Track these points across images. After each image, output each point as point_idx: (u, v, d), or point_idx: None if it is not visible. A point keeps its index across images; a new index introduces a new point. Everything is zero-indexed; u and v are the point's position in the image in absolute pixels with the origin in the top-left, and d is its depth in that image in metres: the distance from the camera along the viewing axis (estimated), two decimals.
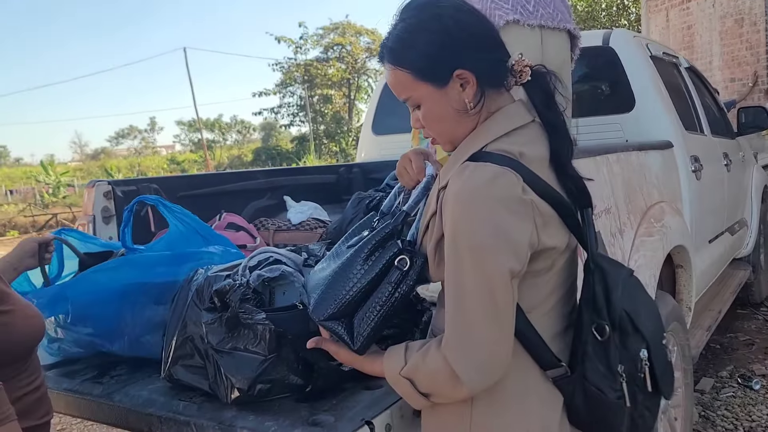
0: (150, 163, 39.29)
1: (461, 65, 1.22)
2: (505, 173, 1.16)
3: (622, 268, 1.36)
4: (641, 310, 1.30)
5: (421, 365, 1.21)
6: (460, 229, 1.15)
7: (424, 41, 1.23)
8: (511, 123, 1.26)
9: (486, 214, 1.14)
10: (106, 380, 1.84)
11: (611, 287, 1.26)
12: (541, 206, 1.19)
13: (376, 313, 1.27)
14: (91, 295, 1.89)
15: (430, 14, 1.24)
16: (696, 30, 10.13)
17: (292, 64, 32.98)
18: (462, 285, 1.15)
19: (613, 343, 1.24)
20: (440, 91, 1.24)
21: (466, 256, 1.14)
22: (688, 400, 2.84)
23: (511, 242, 1.14)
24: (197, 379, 1.64)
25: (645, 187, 2.59)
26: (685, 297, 3.04)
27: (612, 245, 2.16)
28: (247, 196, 3.41)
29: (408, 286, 1.27)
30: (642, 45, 3.38)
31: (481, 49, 1.25)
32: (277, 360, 1.54)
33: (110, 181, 2.70)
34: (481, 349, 1.15)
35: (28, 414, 1.48)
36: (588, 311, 1.26)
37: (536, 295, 1.25)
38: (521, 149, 1.22)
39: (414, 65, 1.24)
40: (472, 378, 1.16)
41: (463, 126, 1.28)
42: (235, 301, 1.55)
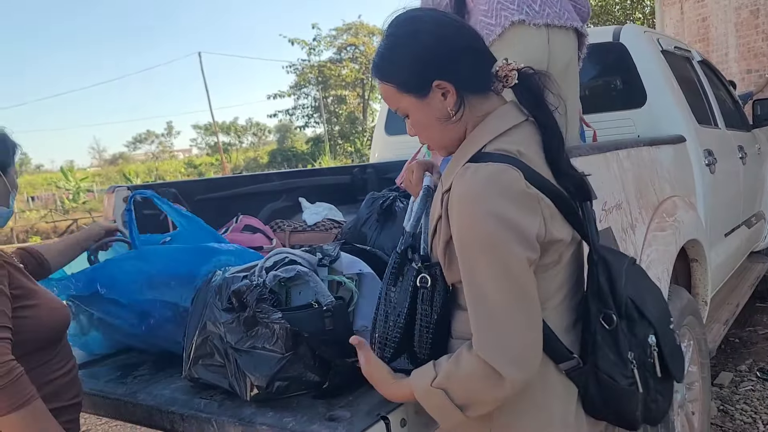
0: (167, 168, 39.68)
1: (439, 76, 1.29)
2: (507, 169, 1.20)
3: (624, 257, 1.39)
4: (646, 297, 1.33)
5: (455, 371, 1.19)
6: (469, 229, 1.19)
7: (403, 56, 1.31)
8: (505, 123, 1.31)
9: (492, 209, 1.17)
10: (129, 380, 1.90)
11: (615, 277, 1.30)
12: (546, 199, 1.23)
13: (429, 335, 1.31)
14: (117, 279, 1.99)
15: (408, 30, 1.33)
16: (711, 22, 10.04)
17: (305, 66, 33.16)
18: (481, 283, 1.18)
19: (621, 331, 1.27)
20: (423, 102, 1.32)
21: (480, 254, 1.18)
22: (706, 394, 2.84)
23: (523, 232, 1.17)
24: (217, 378, 1.69)
25: (657, 182, 2.60)
26: (701, 291, 3.04)
27: (623, 240, 2.17)
28: (263, 199, 3.45)
29: (442, 297, 1.31)
30: (653, 40, 3.37)
31: (459, 60, 1.31)
32: (294, 358, 1.58)
33: (129, 187, 2.75)
34: (514, 340, 1.16)
35: (57, 395, 1.60)
36: (594, 302, 1.29)
37: (546, 289, 1.28)
38: (519, 147, 1.26)
39: (396, 79, 1.33)
40: (512, 372, 1.15)
41: (451, 132, 1.35)
42: (252, 301, 1.59)
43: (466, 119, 1.33)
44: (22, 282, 1.56)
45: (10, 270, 1.53)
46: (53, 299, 1.69)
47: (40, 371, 1.55)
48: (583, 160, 2.02)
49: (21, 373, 1.41)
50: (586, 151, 2.09)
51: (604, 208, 2.07)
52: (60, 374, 1.64)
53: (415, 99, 1.32)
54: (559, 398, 1.29)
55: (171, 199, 2.94)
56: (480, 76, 1.33)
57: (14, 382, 1.38)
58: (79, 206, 23.96)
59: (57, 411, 1.56)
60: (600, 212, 2.04)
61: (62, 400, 1.62)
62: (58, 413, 1.56)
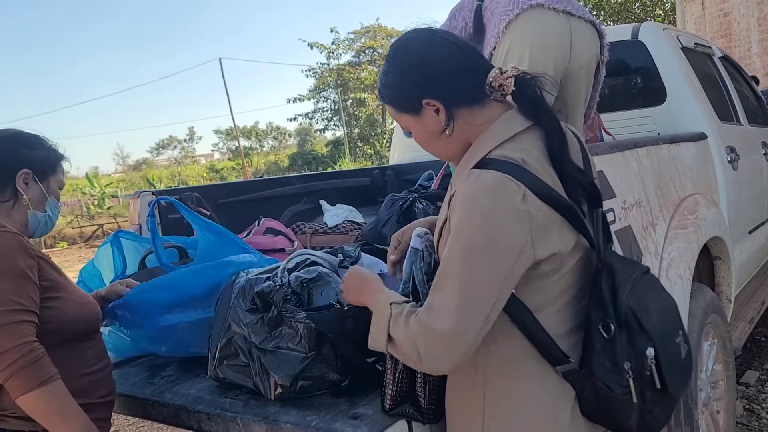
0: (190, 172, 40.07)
1: (427, 95, 1.36)
2: (505, 183, 1.23)
3: (635, 266, 1.38)
4: (651, 309, 1.31)
5: (402, 329, 1.26)
6: (459, 230, 1.24)
7: (393, 79, 1.41)
8: (510, 130, 1.34)
9: (481, 220, 1.22)
10: (156, 381, 1.94)
11: (618, 286, 1.29)
12: (540, 214, 1.24)
13: (429, 382, 1.42)
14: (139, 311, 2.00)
15: (397, 54, 1.42)
16: (733, 17, 9.92)
17: (325, 69, 33.29)
18: (447, 273, 1.23)
19: (619, 340, 1.27)
20: (417, 119, 1.40)
21: (458, 251, 1.23)
22: (731, 393, 2.82)
23: (498, 249, 1.21)
24: (242, 377, 1.72)
25: (678, 180, 2.58)
26: (725, 289, 3.01)
27: (644, 239, 2.17)
28: (284, 202, 3.49)
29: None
30: (672, 37, 3.36)
31: (444, 77, 1.36)
32: (318, 357, 1.60)
33: (154, 192, 2.81)
34: (445, 334, 1.20)
35: (86, 392, 1.65)
36: (595, 309, 1.30)
37: (545, 295, 1.31)
38: (523, 155, 1.28)
39: (391, 101, 1.44)
40: (430, 354, 1.22)
41: (451, 145, 1.41)
42: (278, 301, 1.62)
43: (464, 131, 1.38)
44: (52, 275, 1.64)
45: (40, 262, 1.60)
46: (83, 295, 1.76)
47: (66, 365, 1.59)
48: (601, 159, 2.02)
49: (42, 353, 1.48)
50: (605, 149, 2.09)
51: (624, 206, 2.07)
52: (89, 371, 1.69)
53: (411, 117, 1.41)
54: (554, 399, 1.31)
55: (194, 203, 3.00)
56: (470, 89, 1.37)
57: (35, 361, 1.46)
58: (104, 212, 24.29)
59: (87, 407, 1.61)
60: (619, 210, 2.04)
61: (91, 397, 1.66)
62: (88, 409, 1.61)
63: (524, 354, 1.31)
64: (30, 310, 1.51)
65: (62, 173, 1.81)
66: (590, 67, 2.31)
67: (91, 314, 1.74)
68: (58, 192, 1.79)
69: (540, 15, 2.17)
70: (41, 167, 1.72)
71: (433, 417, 1.46)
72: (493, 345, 1.32)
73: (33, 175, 1.70)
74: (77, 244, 19.60)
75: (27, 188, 1.69)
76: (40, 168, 1.72)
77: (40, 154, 1.73)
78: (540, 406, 1.31)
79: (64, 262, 15.39)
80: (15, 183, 1.67)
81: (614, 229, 1.97)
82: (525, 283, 1.29)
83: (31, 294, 1.53)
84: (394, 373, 1.46)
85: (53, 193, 1.77)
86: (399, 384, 1.46)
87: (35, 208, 1.71)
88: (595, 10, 14.99)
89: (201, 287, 1.98)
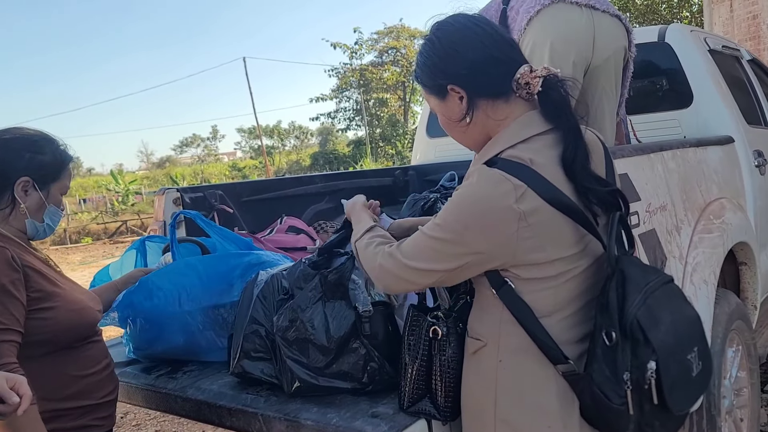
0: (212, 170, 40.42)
1: (452, 81, 1.38)
2: (501, 181, 1.25)
3: (654, 275, 1.35)
4: (662, 321, 1.28)
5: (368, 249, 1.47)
6: (448, 208, 1.32)
7: (425, 60, 1.44)
8: (527, 131, 1.34)
9: (463, 208, 1.29)
10: (179, 375, 1.96)
11: (628, 294, 1.27)
12: (539, 215, 1.25)
13: (443, 381, 1.46)
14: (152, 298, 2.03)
15: (434, 36, 1.43)
16: (762, 19, 9.74)
17: (347, 69, 33.38)
18: (416, 237, 1.36)
19: (622, 350, 1.24)
20: (442, 103, 1.43)
21: (435, 222, 1.34)
22: (755, 401, 2.78)
23: (463, 242, 1.29)
24: (263, 372, 1.74)
25: (704, 183, 2.55)
26: (750, 295, 2.96)
27: (669, 242, 2.14)
28: (307, 200, 3.51)
29: (454, 348, 1.45)
30: (699, 39, 3.31)
31: (473, 67, 1.37)
32: (339, 355, 1.62)
33: (179, 189, 2.84)
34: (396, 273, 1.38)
35: (86, 394, 1.65)
36: (601, 315, 1.28)
37: (550, 300, 1.32)
38: (532, 156, 1.29)
39: (422, 80, 1.47)
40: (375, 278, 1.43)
41: (469, 133, 1.43)
42: (345, 272, 1.69)
43: (484, 123, 1.39)
44: (42, 285, 1.59)
45: (28, 272, 1.56)
46: (75, 301, 1.67)
47: (65, 370, 1.59)
48: (626, 161, 2.00)
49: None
50: (630, 151, 2.07)
51: (648, 209, 2.05)
52: (89, 373, 1.66)
53: (437, 100, 1.44)
54: (555, 397, 1.32)
55: (218, 201, 3.03)
56: (496, 82, 1.37)
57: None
58: (128, 208, 24.62)
59: (87, 409, 1.63)
60: (644, 214, 2.02)
61: (92, 399, 1.66)
62: (89, 411, 1.63)
63: (531, 355, 1.33)
64: (11, 328, 1.46)
65: (68, 177, 1.74)
66: (617, 61, 2.30)
67: (86, 321, 1.68)
68: (60, 198, 1.72)
69: (561, 10, 2.17)
70: (43, 174, 1.66)
71: (450, 415, 1.47)
72: (502, 345, 1.35)
73: (33, 183, 1.64)
74: (102, 240, 19.87)
75: (25, 196, 1.64)
76: (41, 175, 1.65)
77: (45, 158, 1.66)
78: (543, 404, 1.33)
79: (89, 257, 15.63)
80: (13, 191, 1.62)
81: (638, 233, 1.95)
82: (527, 285, 1.31)
83: (12, 311, 1.47)
84: (411, 370, 1.49)
85: (53, 201, 1.70)
86: (416, 381, 1.49)
87: (33, 217, 1.66)
88: (621, 11, 14.82)
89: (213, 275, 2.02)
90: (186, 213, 2.38)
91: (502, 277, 1.32)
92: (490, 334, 1.37)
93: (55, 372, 1.57)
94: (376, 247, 1.45)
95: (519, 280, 1.32)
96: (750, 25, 9.98)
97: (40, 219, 1.68)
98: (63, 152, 1.72)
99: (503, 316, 1.34)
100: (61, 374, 1.59)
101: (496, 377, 1.36)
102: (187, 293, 2.01)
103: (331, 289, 1.65)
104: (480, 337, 1.39)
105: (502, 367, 1.36)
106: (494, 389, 1.36)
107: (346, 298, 1.65)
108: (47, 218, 1.70)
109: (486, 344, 1.38)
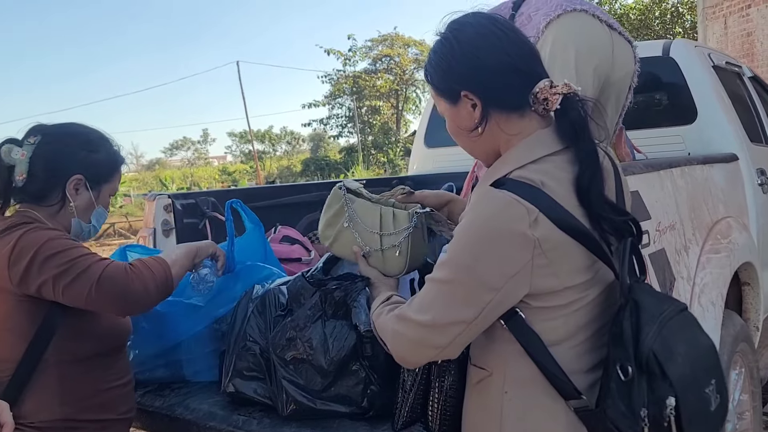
0: (202, 174, 40.16)
1: (467, 87, 1.28)
2: (513, 205, 1.16)
3: (667, 303, 1.27)
4: (678, 353, 1.20)
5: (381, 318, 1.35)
6: (454, 241, 1.21)
7: (439, 60, 1.33)
8: (539, 151, 1.25)
9: (476, 238, 1.19)
10: (167, 393, 1.87)
11: (643, 325, 1.18)
12: (552, 241, 1.17)
13: (441, 408, 1.39)
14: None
15: (446, 36, 1.32)
16: (756, 37, 9.80)
17: (340, 76, 33.32)
18: (431, 282, 1.24)
19: (638, 384, 1.16)
20: (454, 108, 1.32)
21: (447, 261, 1.22)
22: (757, 424, 2.72)
23: (483, 275, 1.18)
24: (256, 392, 1.65)
25: (710, 202, 2.50)
26: (753, 316, 2.91)
27: (677, 263, 2.08)
28: (302, 209, 3.43)
29: (453, 375, 1.39)
30: (704, 54, 3.28)
31: (490, 74, 1.27)
32: (339, 377, 1.54)
33: (170, 195, 2.74)
34: (410, 336, 1.24)
35: (110, 407, 1.60)
36: (615, 348, 1.20)
37: (560, 329, 1.23)
38: (544, 177, 1.20)
39: (433, 81, 1.35)
40: (391, 348, 1.29)
41: (478, 145, 1.33)
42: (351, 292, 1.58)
43: (495, 136, 1.30)
44: None
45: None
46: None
47: (98, 378, 1.57)
48: (636, 178, 1.94)
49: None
50: (640, 168, 2.00)
51: (658, 228, 1.99)
52: (116, 385, 1.63)
53: (447, 104, 1.33)
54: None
55: (210, 208, 2.94)
56: (513, 94, 1.27)
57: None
58: (116, 210, 24.38)
59: (108, 423, 1.57)
60: (654, 233, 1.96)
61: (114, 413, 1.61)
62: (109, 426, 1.57)
63: (539, 387, 1.24)
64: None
65: (118, 180, 1.72)
66: (626, 84, 2.24)
67: (125, 327, 1.68)
68: (108, 200, 1.71)
69: (584, 19, 2.09)
70: (96, 174, 1.64)
71: None
72: (509, 376, 1.27)
73: (85, 181, 1.62)
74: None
75: (76, 195, 1.61)
76: (94, 174, 1.63)
77: (100, 158, 1.65)
78: None
79: None
80: (65, 188, 1.59)
81: (648, 253, 1.88)
82: (537, 314, 1.22)
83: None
84: (409, 392, 1.43)
85: (102, 202, 1.68)
86: (412, 404, 1.43)
87: (80, 217, 1.63)
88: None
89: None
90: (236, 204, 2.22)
91: (512, 307, 1.24)
92: (496, 364, 1.29)
93: (89, 378, 1.54)
94: (388, 314, 1.33)
95: (529, 309, 1.23)
96: (744, 42, 10.03)
97: (87, 219, 1.65)
98: (117, 153, 1.71)
99: (511, 346, 1.25)
100: (94, 382, 1.56)
101: (501, 409, 1.27)
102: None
103: (332, 308, 1.57)
104: (485, 366, 1.31)
105: (508, 399, 1.27)
106: (499, 422, 1.27)
107: (347, 318, 1.56)
108: (94, 219, 1.67)
109: (491, 374, 1.29)
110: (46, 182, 1.58)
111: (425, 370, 1.40)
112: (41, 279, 1.43)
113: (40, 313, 1.49)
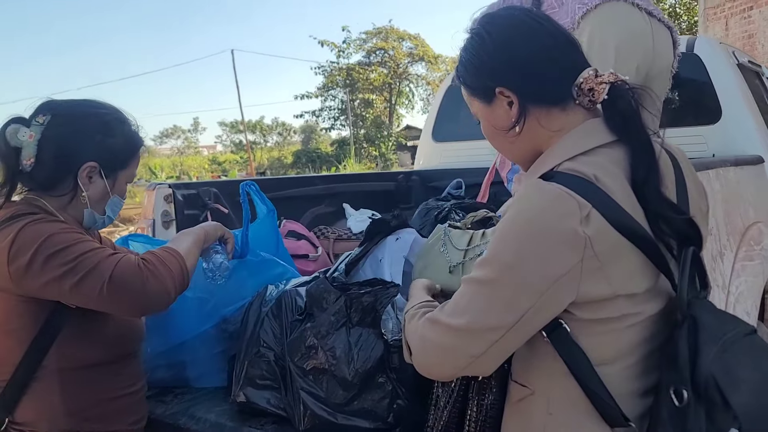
0: (192, 163, 39.80)
1: (502, 83, 1.19)
2: (565, 199, 1.04)
3: (732, 324, 1.13)
4: (744, 380, 1.06)
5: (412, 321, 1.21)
6: (496, 238, 1.10)
7: (470, 58, 1.24)
8: (588, 142, 1.14)
9: (523, 235, 1.06)
10: (169, 399, 1.73)
11: (702, 346, 1.06)
12: (605, 241, 1.04)
13: (477, 427, 1.28)
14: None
15: (477, 32, 1.24)
16: (758, 39, 9.75)
17: (334, 68, 33.15)
18: (469, 282, 1.12)
19: (694, 412, 1.03)
20: (489, 108, 1.23)
21: (487, 261, 1.10)
22: None
23: (532, 274, 1.05)
24: (271, 401, 1.52)
25: (741, 206, 2.38)
26: None
27: (713, 270, 1.97)
28: (305, 203, 3.30)
29: (499, 388, 1.27)
30: (729, 52, 3.16)
31: (526, 68, 1.18)
32: (363, 389, 1.40)
33: (171, 184, 2.60)
34: (439, 342, 1.12)
35: (119, 416, 1.48)
36: (668, 370, 1.07)
37: (609, 346, 1.11)
38: (596, 170, 1.08)
39: (465, 81, 1.27)
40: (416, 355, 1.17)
41: (516, 145, 1.23)
42: (382, 298, 1.45)
43: (535, 134, 1.19)
44: None
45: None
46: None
47: (105, 385, 1.45)
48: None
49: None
50: None
51: None
52: (126, 393, 1.50)
53: (482, 104, 1.24)
54: None
55: (212, 199, 2.80)
56: (554, 87, 1.17)
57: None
58: None
59: None
60: None
61: (123, 423, 1.49)
62: None
63: (583, 410, 1.11)
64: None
65: (136, 165, 1.55)
66: (664, 77, 2.11)
67: (135, 332, 1.55)
68: (125, 188, 1.55)
69: (623, 8, 1.95)
70: (112, 160, 1.47)
71: None
72: (554, 396, 1.14)
73: (99, 169, 1.45)
74: None
75: (89, 184, 1.45)
76: (109, 161, 1.47)
77: (117, 142, 1.48)
78: None
79: None
80: (77, 177, 1.43)
81: None
82: (585, 327, 1.09)
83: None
84: (443, 411, 1.30)
85: (118, 190, 1.52)
86: (446, 423, 1.30)
87: (93, 207, 1.47)
88: None
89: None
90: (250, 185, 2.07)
91: (556, 318, 1.11)
92: (539, 382, 1.17)
93: (96, 386, 1.41)
94: (420, 318, 1.20)
95: (575, 321, 1.10)
96: (745, 44, 9.98)
97: (101, 210, 1.50)
98: (135, 135, 1.54)
99: (556, 363, 1.13)
100: (102, 389, 1.43)
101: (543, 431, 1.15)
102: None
103: (359, 314, 1.43)
104: (527, 384, 1.18)
105: (552, 421, 1.15)
106: None
107: (374, 326, 1.43)
108: (109, 209, 1.52)
109: (534, 393, 1.17)
110: (55, 170, 1.41)
111: (462, 386, 1.27)
112: (44, 279, 1.28)
113: (43, 314, 1.35)
